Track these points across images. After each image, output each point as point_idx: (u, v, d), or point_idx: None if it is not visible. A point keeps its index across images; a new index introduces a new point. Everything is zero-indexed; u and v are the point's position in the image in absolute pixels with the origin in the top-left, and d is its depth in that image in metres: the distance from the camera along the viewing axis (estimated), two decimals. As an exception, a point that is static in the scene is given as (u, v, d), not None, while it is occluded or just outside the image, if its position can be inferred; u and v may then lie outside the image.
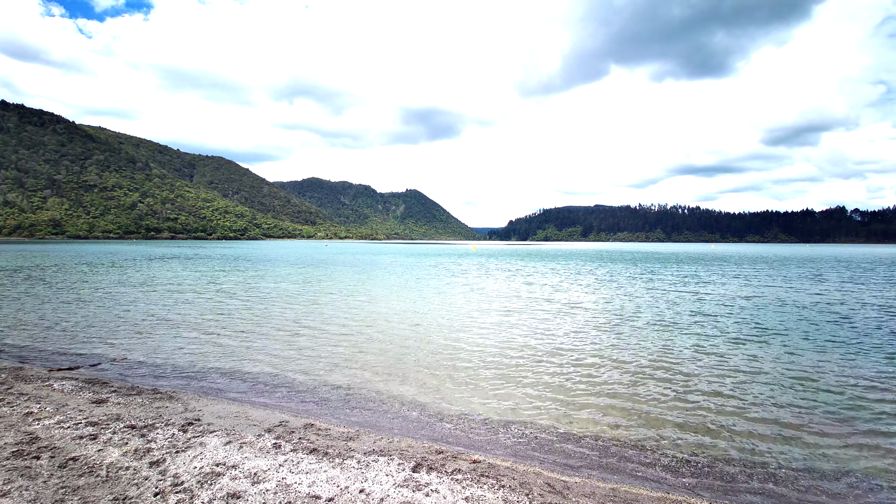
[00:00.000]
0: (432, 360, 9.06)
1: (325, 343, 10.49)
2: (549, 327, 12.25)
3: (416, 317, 13.93)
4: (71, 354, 9.46)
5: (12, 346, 10.16)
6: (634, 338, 11.03)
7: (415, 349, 9.95)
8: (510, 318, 13.50)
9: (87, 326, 12.22)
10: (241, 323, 12.79)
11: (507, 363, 8.90)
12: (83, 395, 6.47)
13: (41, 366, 8.50)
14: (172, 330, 11.84)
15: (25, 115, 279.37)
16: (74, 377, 7.51)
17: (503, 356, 9.40)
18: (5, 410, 5.62)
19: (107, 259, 46.01)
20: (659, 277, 27.88)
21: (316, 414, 6.38)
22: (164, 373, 8.21)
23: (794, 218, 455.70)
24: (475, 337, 11.17)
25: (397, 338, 11.04)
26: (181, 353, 9.51)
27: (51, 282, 23.32)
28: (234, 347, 10.06)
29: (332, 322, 13.00)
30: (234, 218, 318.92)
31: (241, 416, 5.92)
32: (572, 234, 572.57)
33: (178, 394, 6.83)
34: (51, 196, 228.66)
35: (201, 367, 8.60)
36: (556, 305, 15.97)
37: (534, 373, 8.29)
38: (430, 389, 7.42)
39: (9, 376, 7.27)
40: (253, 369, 8.46)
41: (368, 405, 6.76)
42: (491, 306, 15.97)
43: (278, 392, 7.28)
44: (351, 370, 8.45)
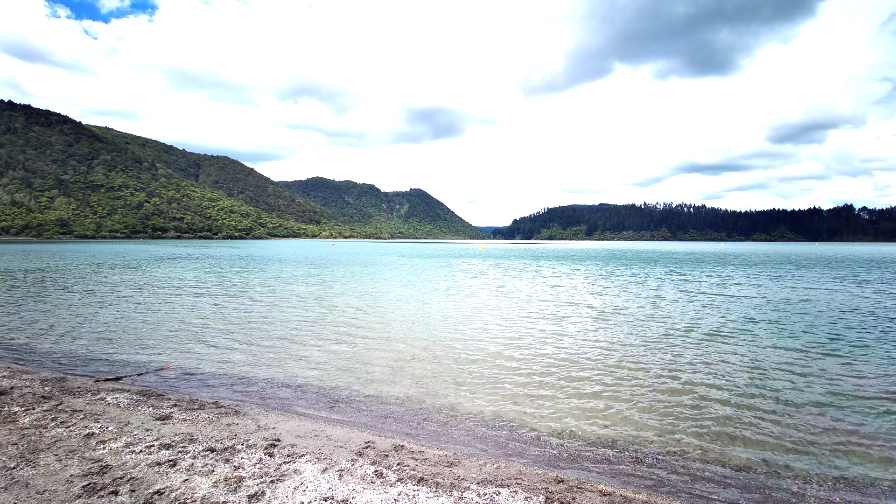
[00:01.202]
0: (494, 371, 8.50)
1: (373, 350, 9.95)
2: (606, 336, 11.60)
3: (457, 322, 13.36)
4: (110, 362, 8.95)
5: (46, 353, 9.67)
6: (712, 350, 10.42)
7: (470, 358, 9.38)
8: (561, 326, 12.87)
9: (119, 332, 11.74)
10: (278, 328, 12.26)
11: (579, 375, 8.32)
12: (143, 410, 5.94)
13: (82, 374, 7.99)
14: (209, 336, 11.33)
15: (32, 116, 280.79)
16: (125, 388, 6.99)
17: (571, 367, 8.82)
18: (62, 432, 5.08)
19: (119, 259, 45.74)
20: (691, 279, 27.16)
21: (395, 431, 5.82)
22: (214, 383, 7.68)
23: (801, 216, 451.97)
24: (531, 344, 10.59)
25: (445, 344, 10.48)
26: (226, 362, 8.98)
27: (69, 284, 22.94)
28: (279, 355, 9.52)
29: (371, 327, 12.47)
30: (240, 217, 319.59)
31: (320, 436, 5.36)
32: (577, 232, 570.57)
33: (243, 408, 6.29)
34: (58, 196, 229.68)
35: (251, 376, 8.06)
36: (599, 311, 15.31)
37: (610, 386, 7.71)
38: (504, 403, 6.85)
39: (54, 389, 6.75)
40: (306, 379, 7.92)
41: (448, 421, 6.20)
42: (533, 311, 15.37)
43: (344, 405, 6.73)
44: (412, 380, 7.89)
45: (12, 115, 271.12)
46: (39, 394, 6.37)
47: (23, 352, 9.69)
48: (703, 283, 24.34)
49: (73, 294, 18.65)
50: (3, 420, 5.30)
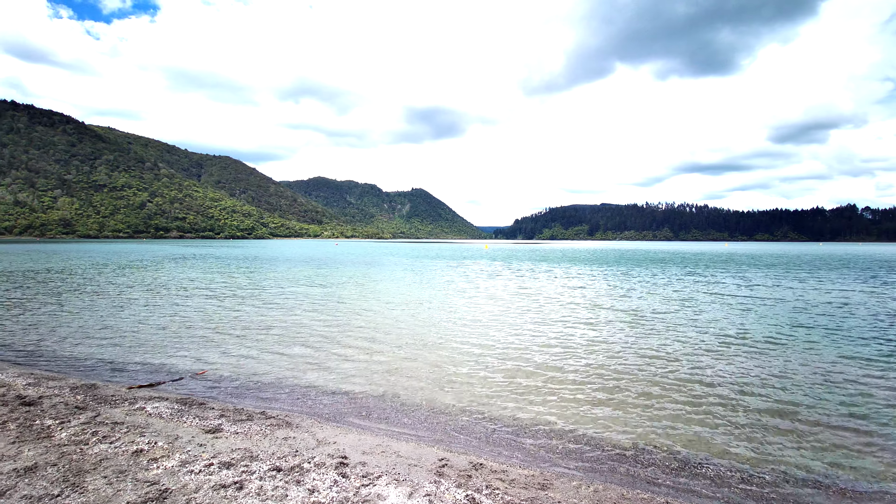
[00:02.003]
0: (548, 380, 8.00)
1: (412, 356, 9.47)
2: (653, 344, 11.00)
3: (488, 326, 12.85)
4: (138, 367, 8.48)
5: (68, 357, 9.20)
6: (777, 360, 9.90)
7: (517, 367, 8.88)
8: (601, 332, 12.34)
9: (140, 335, 11.28)
10: (304, 332, 11.79)
11: (643, 386, 7.82)
12: (188, 421, 5.46)
13: (112, 380, 7.52)
14: (235, 340, 10.86)
15: (35, 116, 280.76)
16: (162, 396, 6.51)
17: (631, 377, 8.32)
18: (106, 449, 4.60)
19: (126, 260, 45.35)
20: (715, 281, 26.59)
21: (465, 445, 5.34)
22: (253, 390, 7.20)
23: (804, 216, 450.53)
24: (578, 352, 10.09)
25: (485, 351, 9.99)
26: (259, 367, 8.50)
27: (80, 285, 22.50)
28: (314, 361, 9.04)
29: (401, 331, 11.99)
30: (242, 217, 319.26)
31: (387, 452, 4.88)
32: (578, 232, 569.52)
33: (294, 418, 5.81)
34: (61, 196, 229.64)
35: (290, 383, 7.58)
36: (633, 315, 14.73)
37: (681, 397, 7.21)
38: (571, 414, 6.36)
39: (87, 397, 6.27)
40: (350, 387, 7.43)
41: (517, 434, 5.70)
42: (565, 316, 14.84)
43: (398, 416, 6.24)
44: (462, 389, 7.40)
45: (15, 115, 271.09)
46: (72, 403, 5.89)
47: (44, 356, 9.22)
48: (729, 284, 23.77)
49: (87, 296, 18.21)
50: (37, 436, 4.82)
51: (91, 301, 16.44)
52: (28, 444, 4.60)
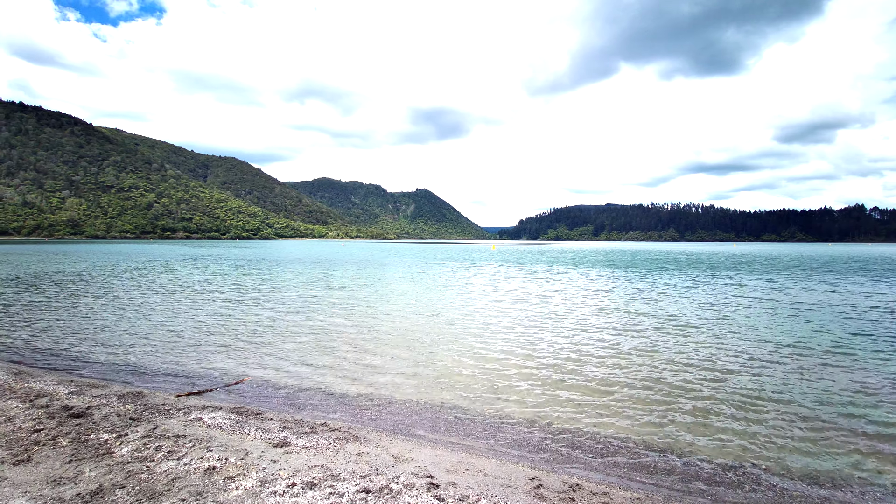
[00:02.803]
0: (617, 392, 7.61)
1: (459, 363, 9.11)
2: (710, 353, 10.64)
3: (527, 332, 12.45)
4: (177, 372, 8.16)
5: (104, 363, 8.91)
6: (838, 373, 9.49)
7: (574, 376, 8.50)
8: (649, 340, 11.94)
9: (171, 339, 10.99)
10: (338, 336, 11.46)
11: (720, 401, 7.42)
12: (250, 433, 5.11)
13: (154, 387, 7.20)
14: (268, 344, 10.54)
15: (43, 118, 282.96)
16: (214, 404, 6.17)
17: (691, 388, 7.92)
18: (174, 467, 4.26)
19: (138, 261, 45.28)
20: (743, 284, 26.05)
21: (551, 462, 4.97)
22: (303, 398, 6.86)
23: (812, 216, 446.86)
24: (634, 359, 9.70)
25: (531, 357, 9.61)
26: (301, 373, 8.17)
27: (98, 288, 22.32)
28: (356, 366, 8.71)
29: (438, 336, 11.64)
30: (247, 218, 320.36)
31: (472, 470, 4.51)
32: (583, 233, 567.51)
33: (358, 430, 5.45)
34: (69, 197, 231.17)
35: (341, 391, 7.23)
36: (676, 323, 14.32)
37: (755, 414, 6.81)
38: (655, 429, 5.97)
39: (137, 406, 5.95)
40: (404, 395, 7.08)
41: (603, 450, 5.32)
42: (603, 322, 14.40)
43: (466, 427, 5.89)
44: (526, 398, 7.03)
45: (23, 117, 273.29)
46: (125, 414, 5.56)
47: (78, 362, 8.93)
48: (761, 287, 23.17)
49: (108, 299, 17.99)
50: (95, 453, 4.48)
51: (114, 304, 16.21)
52: (87, 463, 4.27)
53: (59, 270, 30.30)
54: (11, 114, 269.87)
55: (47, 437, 4.81)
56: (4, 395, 6.12)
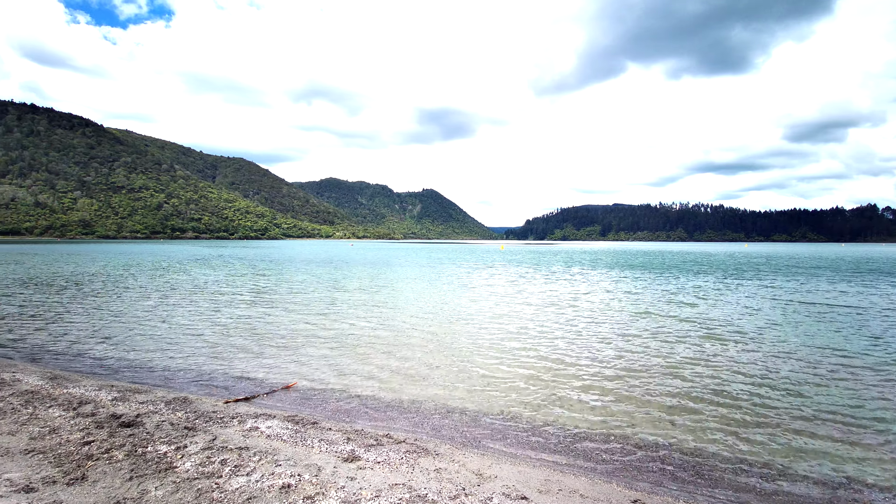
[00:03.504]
0: (689, 404, 7.17)
1: (506, 369, 8.72)
2: (765, 362, 10.18)
3: (574, 340, 12.02)
4: (218, 377, 7.83)
5: (140, 366, 8.61)
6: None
7: (637, 385, 8.07)
8: (703, 350, 11.48)
9: (202, 340, 10.70)
10: (374, 340, 11.11)
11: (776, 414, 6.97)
12: (314, 445, 4.75)
13: (200, 392, 6.87)
14: (304, 347, 10.21)
15: (55, 119, 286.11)
16: (266, 412, 5.83)
17: (761, 402, 7.48)
18: (245, 484, 3.91)
19: (151, 261, 45.34)
20: (774, 287, 25.45)
21: (647, 482, 4.56)
22: (355, 405, 6.50)
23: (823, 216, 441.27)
24: (696, 369, 9.25)
25: (586, 364, 9.19)
26: (350, 380, 7.81)
27: (120, 288, 22.19)
28: (404, 372, 8.35)
29: (478, 341, 11.25)
30: (255, 218, 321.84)
31: (565, 490, 4.12)
32: (590, 233, 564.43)
33: (425, 443, 5.07)
34: (81, 197, 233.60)
35: (393, 398, 6.87)
36: (726, 329, 13.81)
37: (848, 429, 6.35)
38: (752, 445, 5.53)
39: (189, 414, 5.61)
40: (459, 403, 6.71)
41: (697, 467, 4.90)
42: (645, 327, 13.94)
43: (538, 439, 5.50)
44: (585, 407, 6.63)
45: (35, 118, 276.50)
46: (179, 423, 5.23)
47: (112, 365, 8.65)
48: (797, 290, 22.55)
49: (129, 300, 17.81)
50: (156, 468, 4.14)
51: (136, 306, 16.00)
52: (150, 480, 3.92)
53: (77, 272, 30.31)
54: (23, 115, 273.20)
55: (100, 450, 4.48)
56: (45, 403, 5.81)
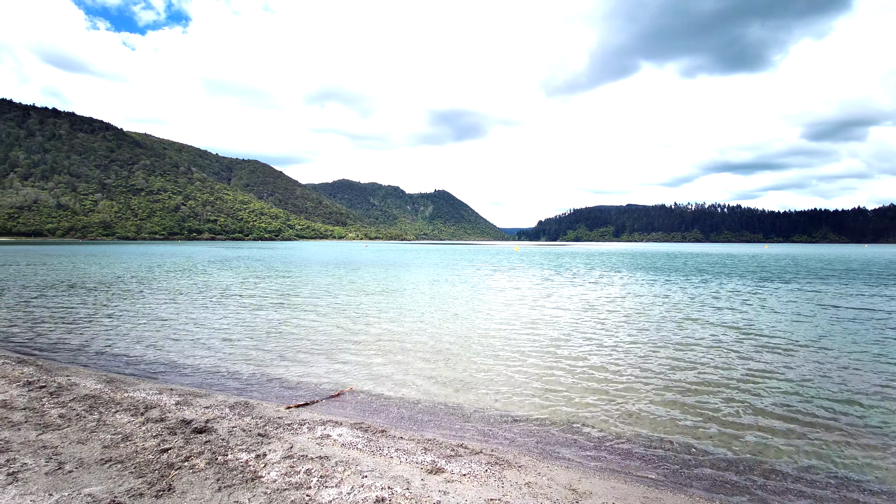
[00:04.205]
0: (775, 422, 6.88)
1: (563, 376, 8.48)
2: (847, 375, 9.80)
3: (628, 347, 11.72)
4: (269, 380, 7.75)
5: (188, 369, 8.58)
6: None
7: (711, 398, 7.78)
8: (764, 358, 11.13)
9: (243, 342, 10.67)
10: (420, 345, 10.95)
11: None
12: (392, 454, 4.60)
13: (259, 397, 6.78)
14: (346, 351, 10.11)
15: (76, 123, 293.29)
16: (331, 419, 5.70)
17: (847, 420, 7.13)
18: (338, 496, 3.76)
19: (172, 262, 45.94)
20: (822, 290, 24.76)
21: (753, 501, 4.30)
22: (416, 412, 6.35)
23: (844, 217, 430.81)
24: (766, 380, 8.92)
25: (644, 372, 8.91)
26: (405, 386, 7.65)
27: (151, 289, 22.44)
28: (456, 378, 8.17)
29: (526, 346, 11.02)
30: (269, 219, 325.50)
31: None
32: (604, 234, 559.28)
33: (502, 453, 4.89)
34: (101, 199, 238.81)
35: (454, 404, 6.70)
36: (784, 340, 13.30)
37: None
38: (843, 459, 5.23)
39: (256, 420, 5.50)
40: (524, 410, 6.50)
41: (789, 482, 4.63)
42: (700, 334, 13.60)
43: (613, 450, 5.26)
44: (654, 417, 6.37)
45: (57, 122, 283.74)
46: (250, 429, 5.12)
47: (159, 367, 8.63)
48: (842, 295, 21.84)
49: (161, 301, 17.96)
50: (242, 478, 4.01)
51: (170, 308, 16.11)
52: (239, 491, 3.79)
53: (105, 273, 30.81)
54: (45, 119, 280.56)
55: (179, 457, 4.38)
56: (110, 409, 5.75)
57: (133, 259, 47.20)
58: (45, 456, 4.35)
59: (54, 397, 6.10)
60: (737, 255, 73.20)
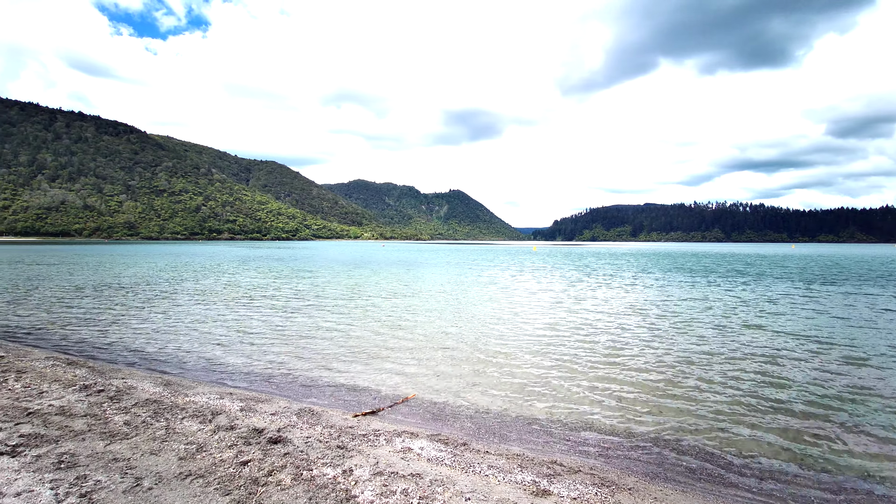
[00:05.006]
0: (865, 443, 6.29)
1: (635, 387, 7.99)
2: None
3: (691, 353, 11.20)
4: (326, 385, 7.44)
5: (242, 373, 8.34)
6: None
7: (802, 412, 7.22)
8: (843, 370, 10.47)
9: (291, 344, 10.41)
10: (466, 347, 10.55)
11: None
12: (482, 470, 4.21)
13: (323, 404, 6.47)
14: (395, 354, 9.77)
15: (102, 126, 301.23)
16: (406, 430, 5.34)
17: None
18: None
19: (199, 262, 46.49)
20: (881, 294, 23.63)
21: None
22: (489, 421, 5.95)
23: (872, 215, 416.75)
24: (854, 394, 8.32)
25: (718, 379, 8.37)
26: (464, 390, 7.29)
27: (188, 289, 22.57)
28: (518, 383, 7.76)
29: (589, 353, 10.55)
30: (287, 219, 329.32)
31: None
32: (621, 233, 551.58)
33: (605, 472, 4.46)
34: (126, 200, 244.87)
35: (525, 414, 6.28)
36: (862, 351, 12.65)
37: None
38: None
39: (330, 429, 5.18)
40: (609, 423, 6.04)
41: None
42: (761, 342, 12.95)
43: (729, 474, 4.78)
44: (761, 437, 5.85)
45: (83, 126, 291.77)
46: (326, 440, 4.79)
47: (212, 369, 8.42)
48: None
49: (194, 302, 17.95)
50: (336, 497, 3.67)
51: (209, 310, 16.05)
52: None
53: (136, 274, 31.22)
54: (72, 123, 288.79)
55: (261, 472, 4.07)
56: (175, 415, 5.49)
57: (161, 259, 47.94)
58: (118, 470, 4.07)
59: (115, 402, 5.88)
60: (768, 256, 71.00)
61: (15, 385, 6.67)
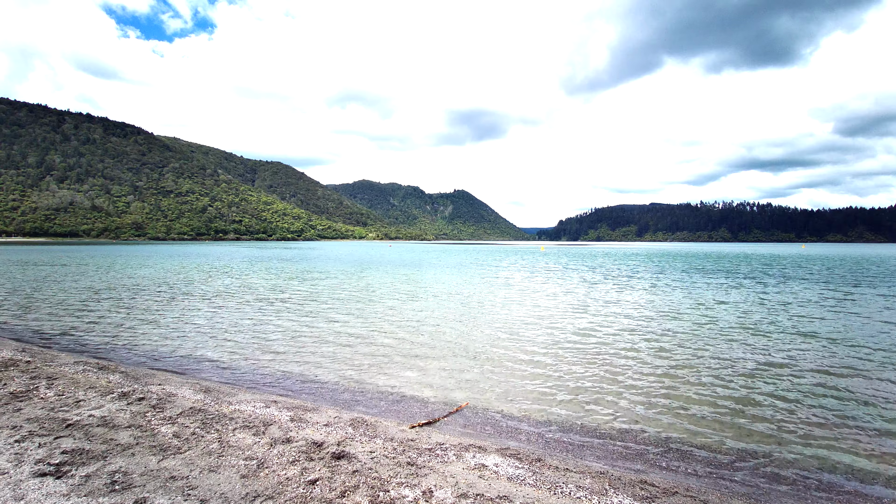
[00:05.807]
0: None
1: (710, 395, 7.60)
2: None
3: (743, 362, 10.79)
4: (370, 392, 7.11)
5: (279, 379, 8.03)
6: None
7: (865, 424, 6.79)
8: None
9: (325, 349, 10.10)
10: (506, 352, 10.20)
11: None
12: (570, 492, 3.85)
13: (373, 413, 6.13)
14: (437, 360, 9.43)
15: (109, 128, 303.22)
16: (473, 443, 4.99)
17: None
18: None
19: (208, 262, 46.41)
20: None
21: None
22: (553, 433, 5.60)
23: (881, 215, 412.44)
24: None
25: (776, 391, 7.96)
26: (517, 398, 6.93)
27: (196, 291, 22.36)
28: (569, 389, 7.39)
29: (635, 360, 10.17)
30: (292, 220, 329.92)
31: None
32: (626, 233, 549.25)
33: (703, 494, 4.09)
34: (133, 201, 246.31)
35: (589, 425, 5.91)
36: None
37: None
38: None
39: (386, 440, 4.84)
40: (673, 431, 5.66)
41: None
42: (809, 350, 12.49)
43: (806, 487, 4.39)
44: (842, 449, 5.45)
45: (91, 127, 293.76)
46: (392, 455, 4.45)
47: (252, 375, 8.11)
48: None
49: (211, 303, 17.71)
50: (418, 516, 3.33)
51: (227, 310, 15.79)
52: (425, 538, 3.11)
53: (150, 275, 31.08)
54: (80, 124, 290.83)
55: (334, 493, 3.73)
56: (225, 425, 5.17)
57: (170, 260, 47.90)
58: (178, 491, 3.74)
59: (159, 411, 5.57)
60: (784, 256, 70.06)
61: (48, 393, 6.37)
